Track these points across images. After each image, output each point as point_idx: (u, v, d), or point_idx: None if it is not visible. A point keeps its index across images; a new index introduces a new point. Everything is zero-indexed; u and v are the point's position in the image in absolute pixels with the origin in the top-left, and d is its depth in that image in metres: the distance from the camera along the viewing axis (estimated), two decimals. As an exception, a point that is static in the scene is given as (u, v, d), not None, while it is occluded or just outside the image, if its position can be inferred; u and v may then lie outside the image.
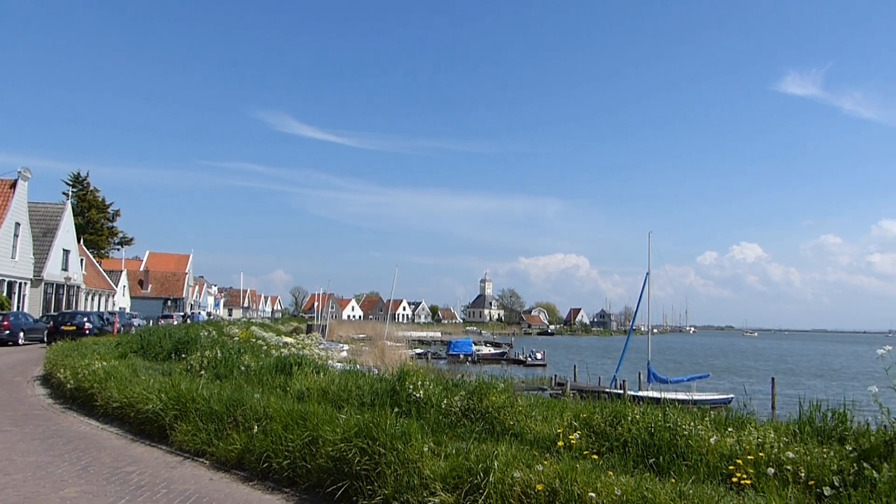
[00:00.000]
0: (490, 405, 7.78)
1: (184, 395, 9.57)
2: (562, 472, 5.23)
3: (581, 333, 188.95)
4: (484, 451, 5.95)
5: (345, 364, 16.53)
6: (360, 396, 9.10)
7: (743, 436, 6.25)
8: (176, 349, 16.81)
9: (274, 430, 7.59)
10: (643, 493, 4.84)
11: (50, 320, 35.75)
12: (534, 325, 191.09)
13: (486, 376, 9.22)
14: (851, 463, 5.38)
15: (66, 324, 33.72)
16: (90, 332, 31.96)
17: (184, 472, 7.70)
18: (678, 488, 4.92)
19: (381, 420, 6.68)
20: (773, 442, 6.02)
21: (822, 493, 5.06)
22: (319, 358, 15.18)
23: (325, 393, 9.71)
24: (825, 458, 5.56)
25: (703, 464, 5.87)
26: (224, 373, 12.33)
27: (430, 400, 8.23)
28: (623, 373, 36.73)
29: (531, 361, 63.71)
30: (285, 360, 12.52)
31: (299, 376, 11.19)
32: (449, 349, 68.55)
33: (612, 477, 5.23)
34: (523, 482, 5.25)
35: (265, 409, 8.27)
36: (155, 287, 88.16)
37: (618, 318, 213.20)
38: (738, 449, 5.99)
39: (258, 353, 15.05)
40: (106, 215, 79.08)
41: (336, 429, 6.95)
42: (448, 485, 5.72)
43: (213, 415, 8.68)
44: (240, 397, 8.94)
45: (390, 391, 8.72)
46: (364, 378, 10.52)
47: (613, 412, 7.03)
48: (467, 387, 8.58)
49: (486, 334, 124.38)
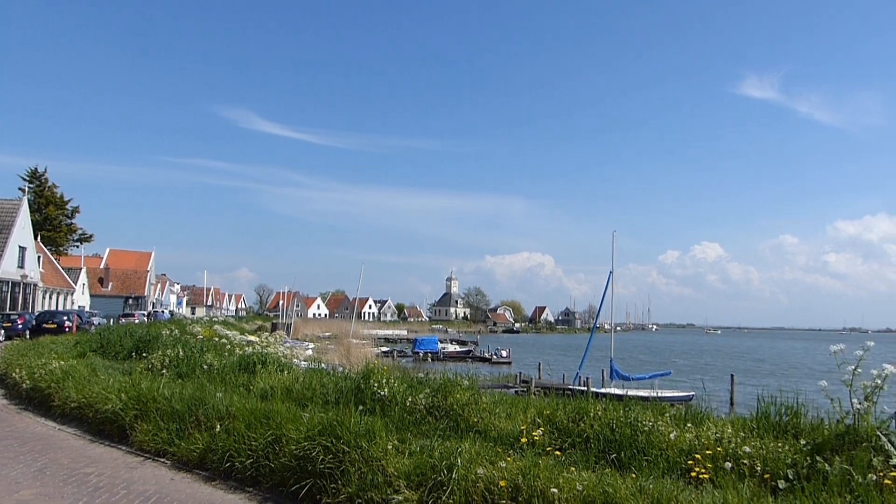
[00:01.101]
0: (454, 402, 7.82)
1: (144, 394, 9.42)
2: (524, 468, 5.29)
3: (546, 331, 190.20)
4: (448, 449, 5.98)
5: (310, 362, 16.42)
6: (324, 395, 9.07)
7: (702, 431, 6.38)
8: (137, 348, 16.52)
9: (237, 429, 7.54)
10: (604, 488, 4.93)
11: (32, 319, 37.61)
12: (499, 323, 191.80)
13: (451, 374, 9.25)
14: (805, 456, 5.54)
15: (47, 322, 35.63)
16: (69, 330, 33.76)
17: (144, 472, 7.59)
18: (638, 483, 5.02)
19: (345, 418, 6.68)
20: (730, 437, 6.16)
21: (776, 486, 5.20)
22: (284, 356, 15.04)
23: (290, 392, 9.65)
24: (780, 452, 5.70)
25: (664, 459, 5.99)
26: (186, 372, 12.17)
27: (394, 398, 8.24)
28: (587, 370, 37.09)
29: (496, 359, 63.99)
30: (249, 358, 12.40)
31: (263, 375, 11.10)
32: (414, 347, 68.50)
33: (574, 472, 5.31)
34: (487, 479, 5.30)
35: (228, 408, 8.21)
36: (116, 285, 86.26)
37: (582, 316, 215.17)
38: (696, 444, 6.12)
39: (221, 352, 14.85)
40: (64, 212, 77.16)
41: (300, 427, 6.94)
42: (412, 482, 5.74)
43: (175, 414, 8.57)
44: (202, 396, 8.84)
45: (355, 389, 8.71)
46: (329, 376, 10.48)
47: (576, 409, 7.13)
48: (432, 384, 8.61)
49: (451, 332, 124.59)
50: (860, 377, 5.80)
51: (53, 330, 33.51)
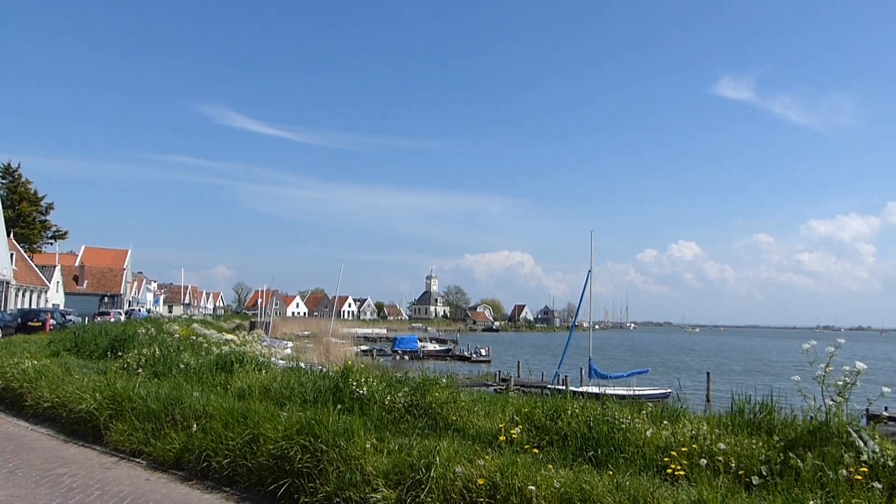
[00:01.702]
0: (433, 401, 7.81)
1: (120, 393, 9.31)
2: (503, 466, 5.31)
3: (525, 330, 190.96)
4: (426, 447, 5.99)
5: (288, 361, 16.32)
6: (302, 394, 9.01)
7: (678, 428, 6.44)
8: (112, 347, 16.29)
9: (214, 428, 7.47)
10: (581, 485, 4.96)
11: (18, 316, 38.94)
12: (479, 322, 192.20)
13: (430, 373, 9.25)
14: (778, 452, 5.62)
15: (32, 320, 37.00)
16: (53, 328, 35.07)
17: (119, 472, 7.50)
18: (615, 480, 5.06)
19: (323, 417, 6.66)
20: (706, 434, 6.22)
21: (750, 483, 5.27)
22: (262, 355, 14.95)
23: (267, 390, 9.59)
24: (754, 449, 5.78)
25: (640, 456, 6.03)
26: (163, 371, 12.03)
27: (373, 396, 8.22)
28: (565, 368, 37.31)
29: (476, 358, 64.18)
30: (226, 357, 12.28)
31: (241, 374, 11.02)
32: (394, 346, 68.54)
33: (551, 470, 5.33)
34: (465, 477, 5.31)
35: (205, 408, 8.14)
36: (91, 283, 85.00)
37: (561, 315, 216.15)
38: (673, 441, 6.17)
39: (199, 351, 14.72)
40: (38, 208, 76.05)
41: (278, 426, 6.90)
42: (390, 481, 5.74)
43: (151, 414, 8.48)
44: (179, 395, 8.76)
45: (333, 388, 8.67)
46: (307, 375, 10.42)
47: (554, 407, 7.16)
48: (411, 383, 8.60)
49: (431, 331, 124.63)
50: (832, 374, 5.90)
51: (38, 328, 34.94)
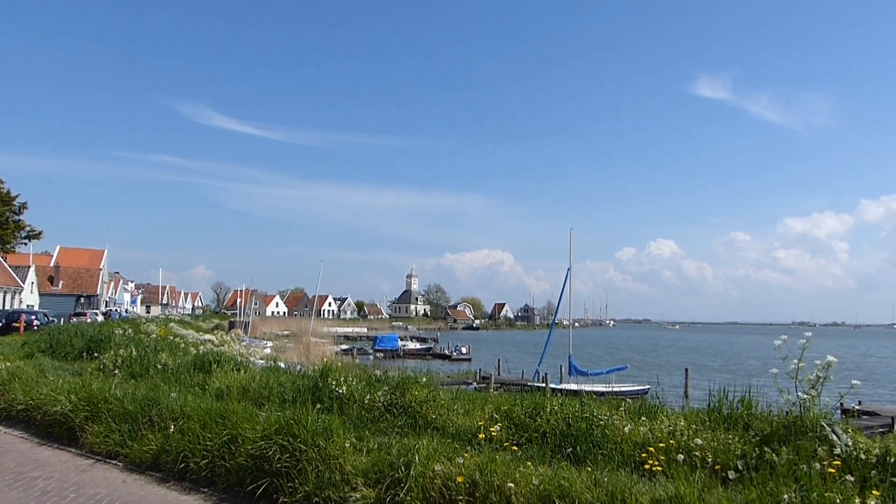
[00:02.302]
0: (413, 399, 7.81)
1: (95, 395, 9.19)
2: (482, 463, 5.32)
3: (506, 328, 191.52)
4: (406, 446, 5.99)
5: (267, 361, 16.23)
6: (281, 393, 8.97)
7: (655, 424, 6.50)
8: (88, 348, 16.08)
9: (192, 429, 7.41)
10: (560, 481, 4.98)
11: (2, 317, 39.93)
12: (459, 320, 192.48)
13: (410, 371, 9.25)
14: (754, 447, 5.69)
15: (16, 321, 37.20)
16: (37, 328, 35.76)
17: (95, 475, 7.41)
18: (593, 476, 5.09)
19: (302, 417, 6.62)
20: (683, 429, 6.28)
21: (727, 477, 5.33)
22: (241, 355, 14.85)
23: (246, 390, 9.52)
24: (730, 444, 5.84)
25: (618, 452, 6.07)
26: (140, 371, 11.91)
27: (352, 395, 8.19)
28: (545, 366, 37.50)
29: (456, 356, 64.34)
30: (204, 357, 12.19)
31: (219, 374, 10.93)
32: (374, 345, 68.42)
33: (530, 467, 5.35)
34: (444, 475, 5.31)
35: (182, 408, 8.07)
36: (67, 283, 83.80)
37: (541, 313, 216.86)
38: (650, 437, 6.22)
39: (176, 351, 14.59)
40: (11, 208, 74.66)
41: (256, 426, 6.86)
42: (370, 479, 5.74)
43: (127, 415, 8.39)
44: (156, 396, 8.67)
45: (312, 388, 8.63)
46: (286, 375, 10.38)
47: (533, 404, 7.19)
48: (390, 382, 8.58)
49: (412, 329, 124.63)
50: (805, 369, 5.99)
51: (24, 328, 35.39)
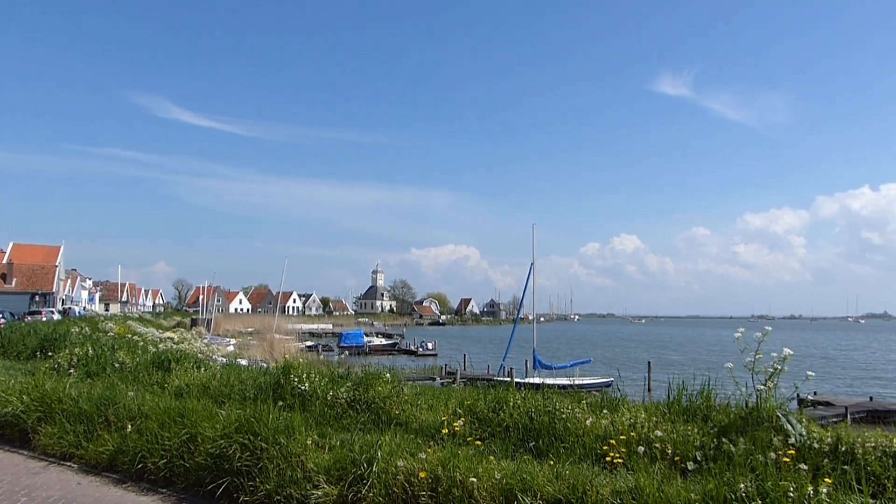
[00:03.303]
0: (376, 395, 7.77)
1: (49, 395, 8.94)
2: (444, 459, 5.31)
3: (472, 323, 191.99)
4: (368, 442, 5.96)
5: (229, 359, 16.02)
6: (242, 391, 8.85)
7: (617, 417, 6.57)
8: (42, 347, 15.67)
9: (150, 428, 7.27)
10: (522, 475, 5.00)
11: None
12: (425, 316, 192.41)
13: (376, 367, 9.20)
14: (712, 438, 5.79)
15: None
16: None
17: (48, 477, 7.21)
18: (555, 470, 5.12)
19: (263, 414, 6.55)
20: (643, 422, 6.36)
21: (686, 468, 5.42)
22: (202, 353, 14.61)
23: (206, 389, 9.38)
24: (689, 435, 5.94)
25: (580, 445, 6.12)
26: (96, 370, 11.65)
27: (315, 392, 8.12)
28: (510, 361, 37.68)
29: (422, 351, 64.30)
30: (164, 355, 11.97)
31: (178, 372, 10.73)
32: (340, 341, 68.01)
33: (493, 462, 5.37)
34: (407, 470, 5.29)
35: (140, 408, 7.91)
36: (20, 281, 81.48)
37: (507, 308, 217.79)
38: (612, 430, 6.29)
39: (135, 350, 14.28)
40: (-39, 203, 72.49)
41: (216, 425, 6.77)
42: (332, 477, 5.71)
43: (82, 415, 8.19)
44: (112, 396, 8.49)
45: (274, 385, 8.52)
46: (247, 372, 10.25)
47: (496, 399, 7.20)
48: (354, 378, 8.53)
49: (377, 325, 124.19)
50: (762, 361, 6.10)
51: None
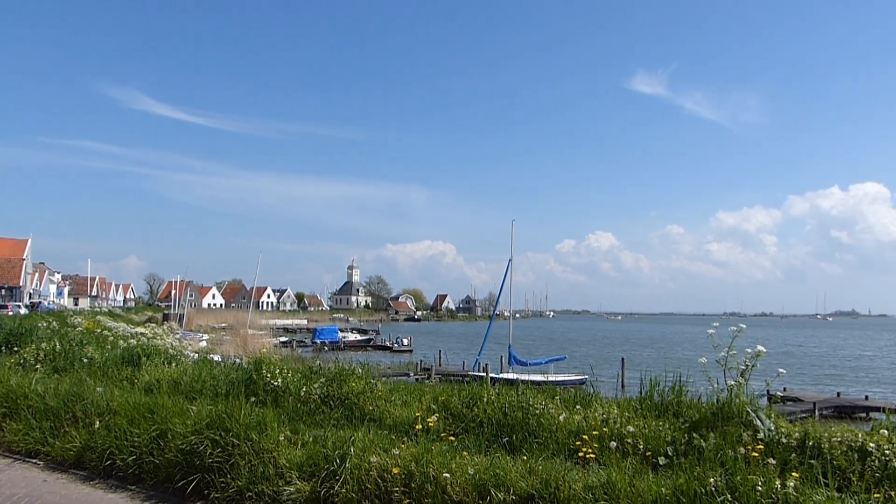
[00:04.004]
0: (350, 391, 7.74)
1: (14, 391, 8.78)
2: (418, 454, 5.31)
3: (447, 319, 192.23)
4: (341, 438, 5.92)
5: (201, 354, 15.83)
6: (214, 387, 8.76)
7: (589, 413, 6.59)
8: (7, 342, 15.30)
9: (118, 424, 7.18)
10: (495, 470, 5.00)
11: None
12: (401, 312, 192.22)
13: (350, 363, 9.15)
14: (683, 433, 5.84)
15: None
16: None
17: (13, 474, 7.07)
18: (528, 465, 5.12)
19: (234, 410, 6.49)
20: (616, 417, 6.40)
21: (657, 463, 5.46)
22: (173, 348, 14.41)
23: (177, 384, 9.27)
24: (661, 431, 5.99)
25: (553, 441, 6.14)
26: (64, 366, 11.43)
27: (288, 388, 8.06)
28: (486, 357, 37.84)
29: (398, 347, 64.32)
30: (133, 350, 11.78)
31: (149, 368, 10.58)
32: (314, 337, 67.70)
33: (466, 457, 5.36)
34: (380, 466, 5.28)
35: (109, 403, 7.81)
36: (-14, 274, 79.93)
37: (482, 304, 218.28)
38: (584, 425, 6.31)
39: (104, 345, 14.05)
40: (-74, 195, 70.79)
41: (187, 421, 6.71)
42: (304, 473, 5.68)
43: (49, 411, 8.06)
44: (80, 391, 8.35)
45: (246, 380, 8.46)
46: (219, 368, 10.14)
47: (470, 394, 7.20)
48: (327, 374, 8.48)
49: (353, 321, 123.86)
50: (735, 357, 6.17)
51: None
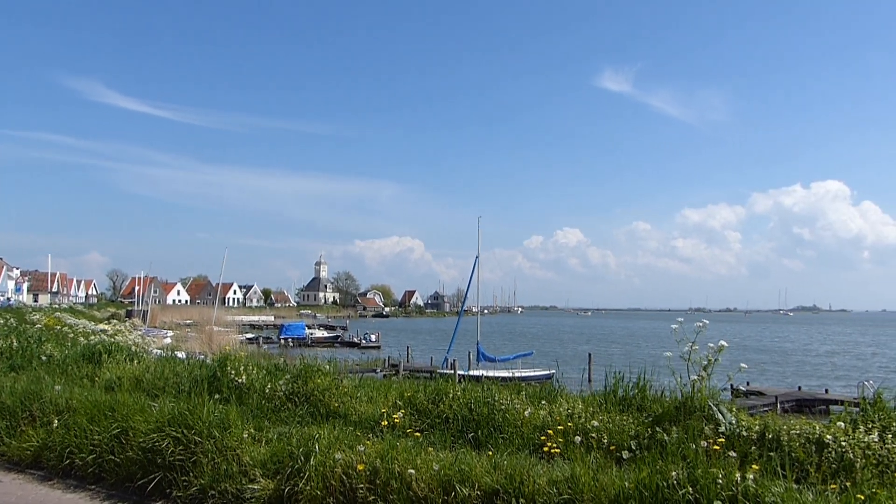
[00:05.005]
0: (315, 388, 7.68)
1: (-32, 390, 8.54)
2: (383, 451, 5.30)
3: (416, 315, 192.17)
4: (306, 435, 5.89)
5: (165, 351, 15.59)
6: (177, 384, 8.64)
7: (554, 408, 6.64)
8: (-38, 340, 14.93)
9: (78, 423, 7.05)
10: (461, 466, 5.01)
11: None
12: (369, 308, 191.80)
13: (318, 360, 9.08)
14: (647, 428, 5.91)
15: None
16: None
17: (-33, 475, 6.89)
18: (493, 460, 5.14)
19: (197, 407, 6.42)
20: (581, 412, 6.45)
21: (621, 457, 5.52)
22: (136, 345, 14.18)
23: (139, 382, 9.12)
24: (625, 425, 6.06)
25: (519, 436, 6.18)
26: (21, 364, 11.20)
27: (252, 385, 7.99)
28: (454, 353, 37.88)
29: (366, 344, 64.13)
30: (94, 347, 11.56)
31: (110, 365, 10.38)
32: (281, 333, 67.17)
33: (431, 453, 5.37)
34: (345, 463, 5.26)
35: (68, 402, 7.67)
36: (-59, 270, 77.78)
37: (451, 300, 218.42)
38: (550, 420, 6.36)
39: (64, 342, 13.77)
40: None
41: (149, 418, 6.62)
42: (268, 470, 5.64)
43: (5, 410, 7.91)
44: (38, 389, 8.19)
45: (210, 377, 8.35)
46: (183, 365, 9.99)
47: (436, 390, 7.20)
48: (292, 370, 8.42)
49: (320, 317, 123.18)
50: (698, 352, 6.25)
51: None
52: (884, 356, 58.51)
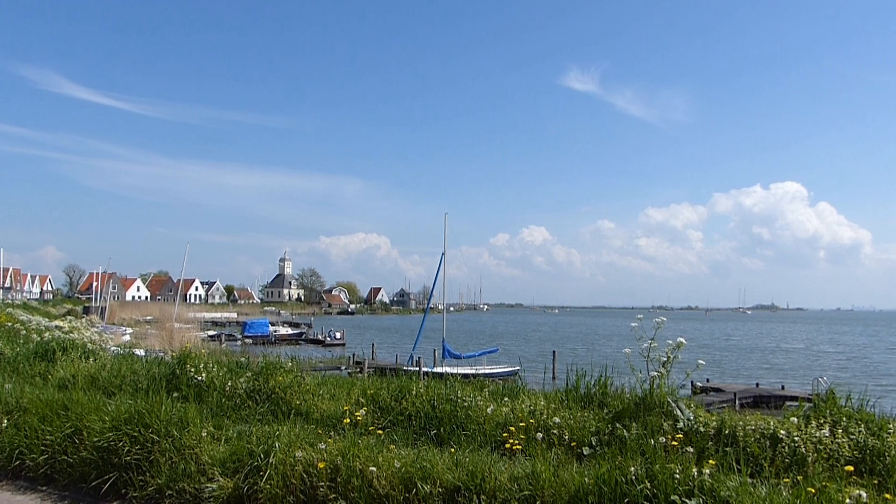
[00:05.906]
0: (276, 385, 7.60)
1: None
2: (344, 449, 5.26)
3: (381, 312, 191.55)
4: (267, 433, 5.82)
5: (123, 348, 15.26)
6: (135, 382, 8.47)
7: (517, 405, 6.68)
8: None
9: (29, 422, 6.86)
10: (422, 463, 5.01)
11: None
12: (334, 305, 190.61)
13: (281, 358, 8.98)
14: (607, 424, 5.98)
15: None
16: None
17: None
18: (455, 457, 5.14)
19: (155, 405, 6.29)
20: (543, 409, 6.49)
21: (581, 453, 5.58)
22: (92, 342, 13.85)
23: (95, 380, 8.93)
24: (586, 421, 6.12)
25: (481, 432, 6.19)
26: (-30, 362, 10.82)
27: (213, 382, 7.87)
28: (420, 350, 37.88)
29: (330, 341, 63.71)
30: (48, 344, 11.26)
31: (65, 363, 10.13)
32: (244, 330, 66.36)
33: (393, 450, 5.35)
34: (306, 461, 5.21)
35: (18, 401, 7.47)
36: None
37: (417, 297, 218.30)
38: (512, 417, 6.39)
39: (16, 339, 13.40)
40: None
41: (104, 417, 6.46)
42: (227, 469, 5.56)
43: (-49, 410, 7.59)
44: (-13, 388, 7.92)
45: (169, 375, 8.20)
46: (141, 362, 9.80)
47: (399, 387, 7.18)
48: (253, 368, 8.31)
49: (284, 314, 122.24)
50: (657, 349, 6.34)
51: None
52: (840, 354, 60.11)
